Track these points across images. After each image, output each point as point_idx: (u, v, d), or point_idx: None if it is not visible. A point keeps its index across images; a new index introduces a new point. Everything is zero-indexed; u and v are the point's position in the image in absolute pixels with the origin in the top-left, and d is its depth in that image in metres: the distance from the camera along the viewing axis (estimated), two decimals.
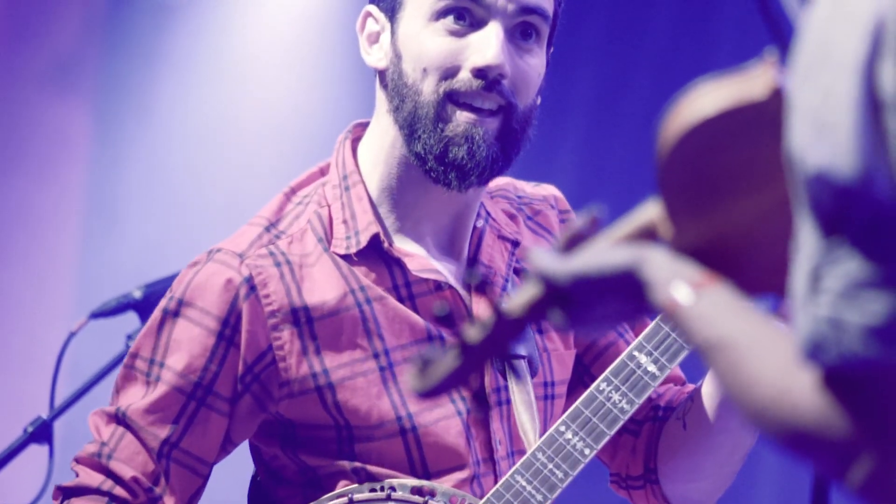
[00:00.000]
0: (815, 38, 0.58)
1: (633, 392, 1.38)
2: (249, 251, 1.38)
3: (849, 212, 0.55)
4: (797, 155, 0.58)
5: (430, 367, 0.83)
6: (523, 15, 1.37)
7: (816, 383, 0.58)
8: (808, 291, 0.57)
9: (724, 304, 0.66)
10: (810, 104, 0.57)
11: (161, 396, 1.36)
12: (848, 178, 0.54)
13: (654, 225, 0.75)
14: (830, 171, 0.55)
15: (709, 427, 1.41)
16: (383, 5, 1.41)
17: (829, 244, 0.56)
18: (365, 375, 1.38)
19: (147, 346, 1.39)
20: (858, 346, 0.55)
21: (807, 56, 0.58)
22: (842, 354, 0.55)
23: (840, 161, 0.55)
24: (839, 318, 0.55)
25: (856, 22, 0.55)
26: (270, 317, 1.36)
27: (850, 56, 0.55)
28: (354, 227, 1.39)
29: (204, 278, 1.37)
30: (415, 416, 1.37)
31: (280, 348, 1.37)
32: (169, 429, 1.36)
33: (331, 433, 1.38)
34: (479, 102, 1.36)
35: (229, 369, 1.36)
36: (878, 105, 0.54)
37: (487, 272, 1.44)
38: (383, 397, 1.38)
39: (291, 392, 1.37)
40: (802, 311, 0.58)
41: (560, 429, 1.37)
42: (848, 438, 0.57)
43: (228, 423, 1.38)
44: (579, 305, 0.75)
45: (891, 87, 0.54)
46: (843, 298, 0.55)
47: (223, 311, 1.36)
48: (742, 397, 0.62)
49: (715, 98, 0.68)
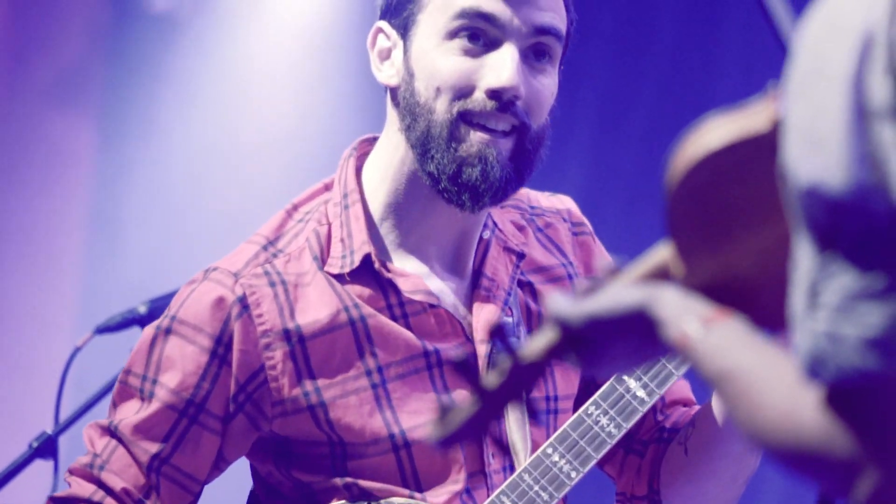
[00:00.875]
0: (807, 55, 0.59)
1: (622, 416, 1.38)
2: (245, 270, 1.39)
3: (842, 225, 0.55)
4: (790, 170, 0.58)
5: (449, 415, 0.83)
6: (537, 35, 1.37)
7: (819, 402, 0.58)
8: (806, 308, 0.58)
9: (735, 337, 0.66)
10: (803, 119, 0.58)
11: (153, 413, 1.37)
12: (840, 191, 0.55)
13: (666, 265, 0.76)
14: (822, 185, 0.55)
15: (710, 453, 1.41)
16: (395, 22, 1.40)
17: (825, 259, 0.57)
18: (357, 393, 1.38)
19: (141, 362, 1.40)
20: (857, 358, 0.55)
21: (799, 72, 0.59)
22: (841, 368, 0.56)
23: (832, 174, 0.55)
24: (837, 332, 0.56)
25: (846, 36, 0.56)
26: (263, 336, 1.37)
27: (841, 69, 0.55)
28: (350, 245, 1.40)
29: (198, 297, 1.38)
30: (408, 433, 1.37)
31: (272, 368, 1.37)
32: (159, 445, 1.37)
33: (324, 450, 1.39)
34: (492, 123, 1.36)
35: (222, 388, 1.37)
36: (867, 117, 0.55)
37: (490, 285, 1.44)
38: (376, 415, 1.38)
39: (284, 411, 1.37)
40: (801, 328, 0.58)
41: (547, 451, 1.37)
42: (852, 455, 0.57)
43: (221, 441, 1.38)
44: (594, 347, 0.77)
45: (879, 99, 0.54)
46: (840, 312, 0.56)
47: (216, 329, 1.37)
48: (749, 423, 0.62)
49: (720, 132, 0.69)
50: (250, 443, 1.40)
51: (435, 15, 1.36)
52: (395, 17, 1.40)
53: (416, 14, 1.37)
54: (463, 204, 1.37)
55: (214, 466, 1.41)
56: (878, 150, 0.54)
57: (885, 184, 0.54)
